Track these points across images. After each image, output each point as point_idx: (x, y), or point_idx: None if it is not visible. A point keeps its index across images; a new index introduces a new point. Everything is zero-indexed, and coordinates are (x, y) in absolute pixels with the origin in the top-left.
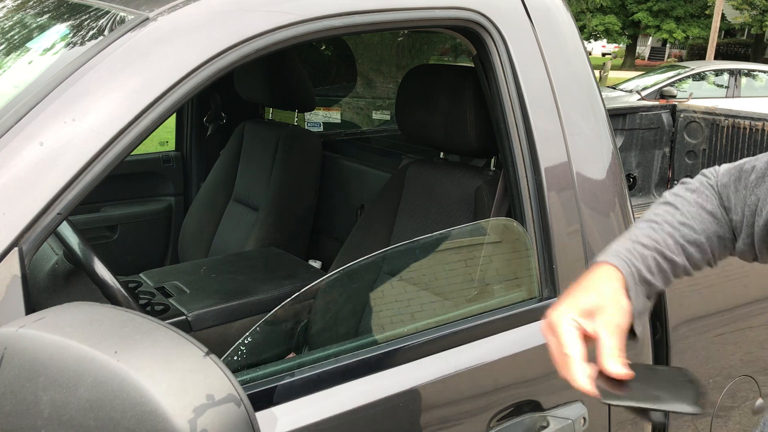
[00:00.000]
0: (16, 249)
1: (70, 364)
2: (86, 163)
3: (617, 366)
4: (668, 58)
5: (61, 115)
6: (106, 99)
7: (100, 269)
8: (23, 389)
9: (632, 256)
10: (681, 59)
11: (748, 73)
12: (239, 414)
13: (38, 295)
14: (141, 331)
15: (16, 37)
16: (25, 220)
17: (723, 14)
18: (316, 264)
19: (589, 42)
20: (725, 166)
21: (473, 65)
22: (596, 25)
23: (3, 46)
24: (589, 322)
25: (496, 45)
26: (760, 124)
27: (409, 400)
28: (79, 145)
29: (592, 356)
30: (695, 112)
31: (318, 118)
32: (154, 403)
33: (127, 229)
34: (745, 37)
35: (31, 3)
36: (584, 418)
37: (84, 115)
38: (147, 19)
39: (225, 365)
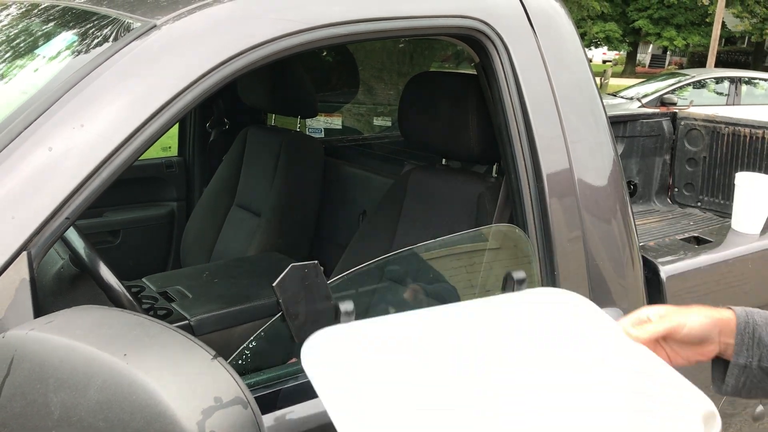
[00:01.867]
0: (24, 253)
1: (79, 367)
2: (94, 169)
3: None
4: (669, 65)
5: (70, 121)
6: (114, 105)
7: (106, 273)
8: (33, 391)
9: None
10: (681, 67)
11: (749, 81)
12: (246, 416)
13: (44, 298)
14: (149, 334)
15: (24, 44)
16: (33, 225)
17: (723, 22)
18: None
19: (590, 49)
20: None
21: (475, 72)
22: (597, 33)
23: (12, 53)
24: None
25: (498, 52)
26: (760, 131)
27: None
28: (87, 151)
29: None
30: (696, 119)
31: (320, 124)
32: (162, 405)
33: (129, 234)
34: (745, 45)
35: (39, 11)
36: None
37: (92, 121)
38: (154, 26)
39: (232, 368)
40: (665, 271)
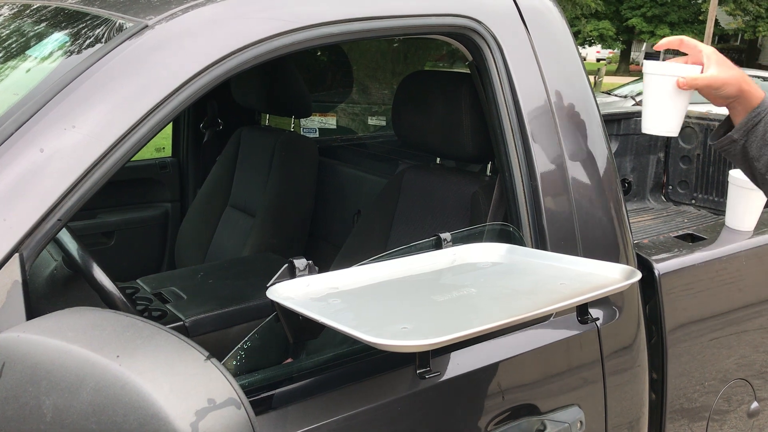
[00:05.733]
0: (16, 255)
1: (72, 369)
2: (86, 170)
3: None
4: None
5: (62, 121)
6: (106, 106)
7: (99, 275)
8: (26, 394)
9: None
10: None
11: None
12: (240, 417)
13: (37, 300)
14: (142, 335)
15: (16, 45)
16: (25, 226)
17: (716, 20)
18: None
19: (584, 47)
20: None
21: (469, 71)
22: (591, 31)
23: (3, 54)
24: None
25: (491, 51)
26: None
27: (406, 404)
28: (79, 152)
29: None
30: (689, 117)
31: (314, 123)
32: (155, 407)
33: (123, 236)
34: (738, 43)
35: (32, 11)
36: (581, 422)
37: (84, 121)
38: (146, 26)
39: (225, 369)
40: (659, 268)
